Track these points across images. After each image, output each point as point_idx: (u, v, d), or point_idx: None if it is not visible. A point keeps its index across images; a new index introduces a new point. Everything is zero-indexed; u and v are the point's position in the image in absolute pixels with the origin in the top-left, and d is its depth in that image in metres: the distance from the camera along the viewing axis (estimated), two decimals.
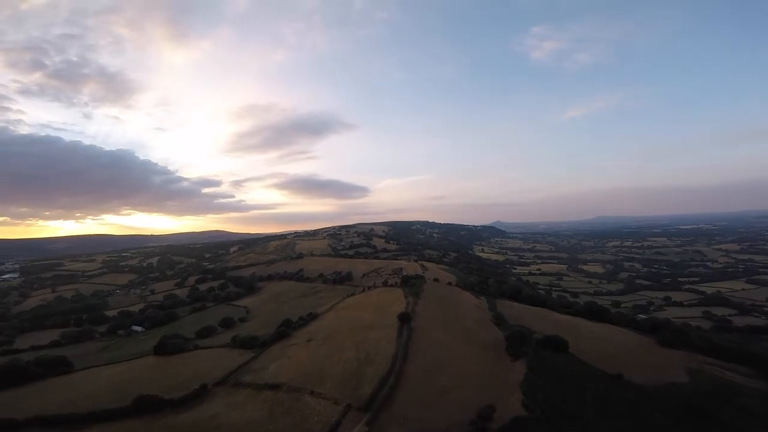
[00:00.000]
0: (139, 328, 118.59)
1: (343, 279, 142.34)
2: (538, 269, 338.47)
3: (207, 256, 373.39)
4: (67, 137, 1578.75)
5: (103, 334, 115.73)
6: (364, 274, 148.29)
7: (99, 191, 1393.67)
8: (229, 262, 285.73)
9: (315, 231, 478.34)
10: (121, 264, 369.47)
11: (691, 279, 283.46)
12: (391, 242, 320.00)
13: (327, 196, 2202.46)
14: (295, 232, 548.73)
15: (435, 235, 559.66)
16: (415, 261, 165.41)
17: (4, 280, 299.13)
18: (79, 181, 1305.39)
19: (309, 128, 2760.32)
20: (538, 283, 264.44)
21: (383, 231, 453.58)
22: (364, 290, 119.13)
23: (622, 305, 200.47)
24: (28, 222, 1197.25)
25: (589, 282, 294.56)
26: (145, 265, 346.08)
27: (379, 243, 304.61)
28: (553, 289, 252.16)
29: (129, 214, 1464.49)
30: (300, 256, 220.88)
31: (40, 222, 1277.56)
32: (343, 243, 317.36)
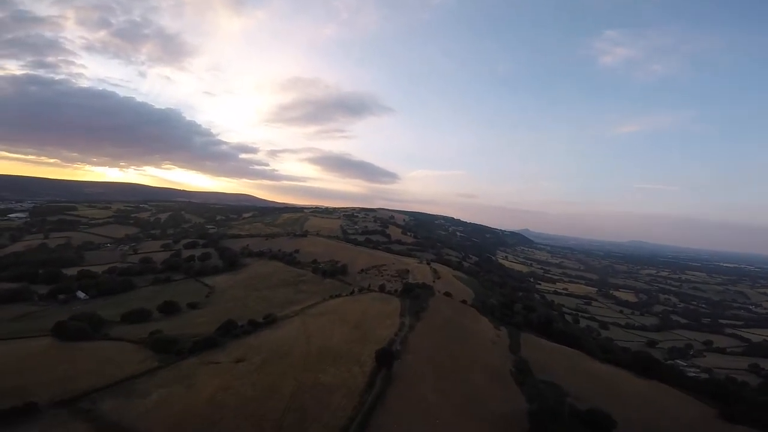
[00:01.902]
0: (82, 295, 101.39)
1: (335, 272, 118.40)
2: (565, 288, 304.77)
3: (218, 218, 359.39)
4: (121, 93, 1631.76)
5: (41, 297, 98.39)
6: (362, 270, 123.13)
7: (144, 145, 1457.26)
8: (232, 228, 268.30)
9: (333, 209, 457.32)
10: (132, 215, 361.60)
11: (733, 322, 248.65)
12: (409, 234, 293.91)
13: (356, 176, 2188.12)
14: (315, 208, 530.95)
15: (458, 233, 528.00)
16: (428, 264, 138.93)
17: (9, 219, 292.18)
18: (127, 134, 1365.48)
19: (349, 107, 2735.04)
20: (563, 306, 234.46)
21: (403, 220, 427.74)
22: (353, 292, 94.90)
23: (657, 345, 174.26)
24: (76, 166, 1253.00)
25: (621, 312, 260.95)
26: (152, 220, 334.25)
27: (394, 233, 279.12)
28: (580, 315, 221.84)
29: (169, 169, 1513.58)
30: (304, 235, 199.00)
31: (87, 167, 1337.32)
32: (356, 227, 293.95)
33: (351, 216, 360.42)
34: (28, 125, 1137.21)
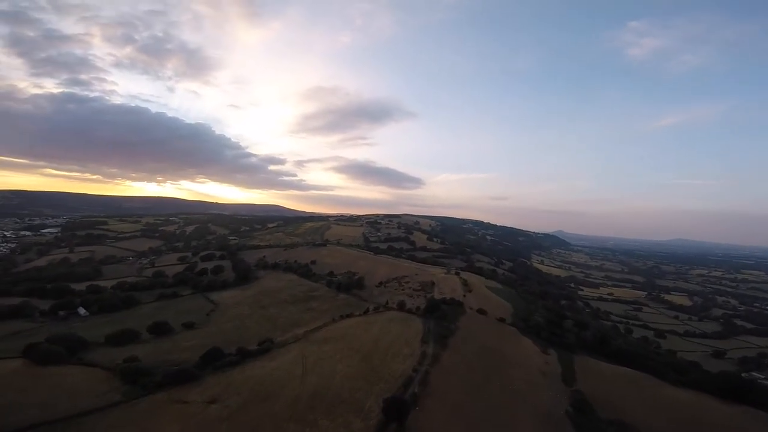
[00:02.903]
0: (83, 312, 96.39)
1: (351, 285, 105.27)
2: (610, 293, 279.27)
3: (242, 229, 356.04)
4: (153, 108, 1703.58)
5: (42, 313, 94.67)
6: (380, 282, 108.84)
7: (178, 159, 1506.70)
8: (254, 239, 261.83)
9: (357, 216, 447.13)
10: (160, 228, 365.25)
11: None
12: (435, 240, 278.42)
13: (381, 183, 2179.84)
14: (340, 216, 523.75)
15: (488, 237, 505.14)
16: (456, 273, 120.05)
17: (41, 234, 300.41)
18: (161, 149, 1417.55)
19: (370, 114, 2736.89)
20: (610, 313, 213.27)
21: (429, 226, 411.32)
22: (367, 311, 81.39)
23: (726, 355, 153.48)
24: (117, 182, 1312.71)
25: (676, 317, 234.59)
26: (177, 232, 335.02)
27: (419, 239, 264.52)
28: (630, 322, 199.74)
29: (203, 182, 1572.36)
30: (323, 244, 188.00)
31: (127, 182, 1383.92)
32: (379, 233, 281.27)
33: (374, 223, 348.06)
34: (71, 143, 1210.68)
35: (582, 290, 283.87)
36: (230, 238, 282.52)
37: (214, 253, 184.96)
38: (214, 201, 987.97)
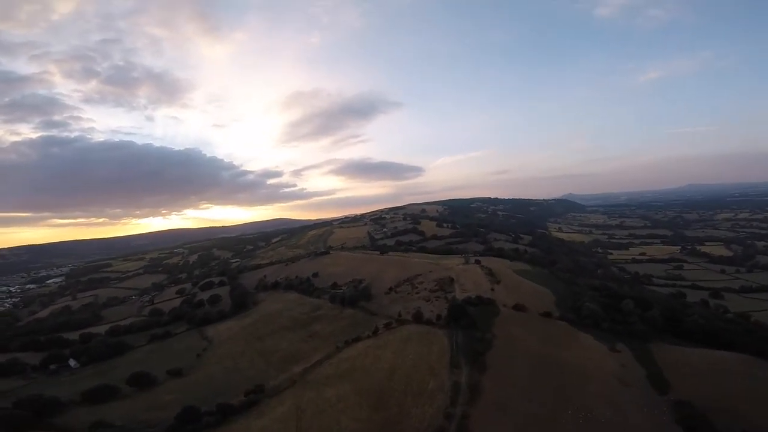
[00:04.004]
0: (74, 363, 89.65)
1: (357, 297, 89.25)
2: (642, 254, 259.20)
3: (246, 249, 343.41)
4: (138, 141, 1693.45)
5: (34, 368, 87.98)
6: (390, 288, 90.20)
7: (177, 189, 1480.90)
8: (256, 258, 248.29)
9: (360, 216, 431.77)
10: (164, 262, 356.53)
11: None
12: (445, 225, 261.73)
13: (382, 178, 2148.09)
14: (344, 218, 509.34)
15: (499, 212, 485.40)
16: (477, 263, 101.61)
17: (45, 285, 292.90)
18: (157, 181, 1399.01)
19: (356, 111, 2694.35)
20: (652, 276, 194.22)
21: (437, 211, 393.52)
22: (377, 331, 65.82)
23: None
24: (123, 221, 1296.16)
25: (722, 271, 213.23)
26: (180, 263, 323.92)
27: (428, 227, 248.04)
28: (677, 284, 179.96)
29: (207, 208, 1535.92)
30: (326, 252, 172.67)
31: (134, 221, 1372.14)
32: (385, 229, 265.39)
33: (378, 219, 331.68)
34: (66, 188, 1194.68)
35: (611, 254, 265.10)
36: (232, 260, 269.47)
37: (213, 280, 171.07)
38: (221, 225, 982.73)
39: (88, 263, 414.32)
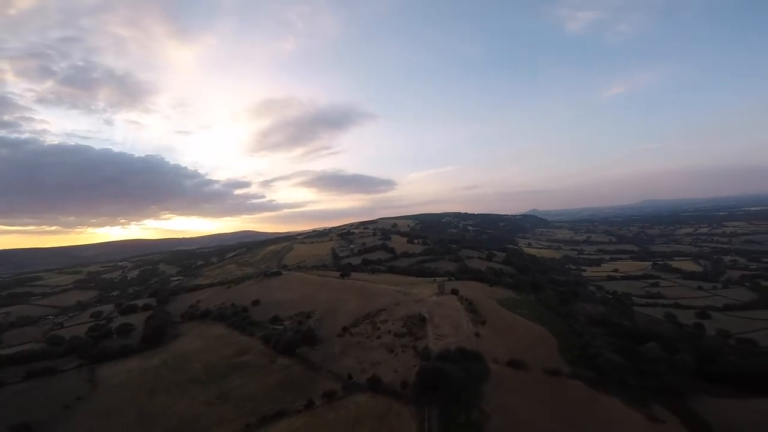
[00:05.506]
0: None
1: (296, 342, 65.60)
2: (616, 270, 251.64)
3: (196, 264, 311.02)
4: (95, 145, 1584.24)
5: None
6: (345, 328, 68.42)
7: (137, 197, 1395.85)
8: (200, 276, 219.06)
9: (328, 230, 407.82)
10: (103, 276, 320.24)
11: None
12: (417, 241, 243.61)
13: (354, 191, 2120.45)
14: (312, 231, 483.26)
15: (470, 227, 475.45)
16: (454, 293, 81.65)
17: None
18: (116, 189, 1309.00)
19: (330, 121, 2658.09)
20: (631, 295, 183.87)
21: (408, 226, 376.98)
22: (312, 405, 44.50)
23: None
24: (78, 230, 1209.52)
25: (699, 288, 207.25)
26: (117, 279, 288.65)
27: (399, 244, 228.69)
28: (658, 303, 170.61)
29: (168, 218, 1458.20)
30: (278, 273, 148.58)
31: (89, 229, 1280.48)
32: (352, 246, 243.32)
33: (346, 234, 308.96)
34: (15, 193, 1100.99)
35: (585, 270, 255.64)
36: (174, 278, 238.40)
37: (137, 303, 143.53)
38: (181, 236, 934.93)
39: (17, 275, 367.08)
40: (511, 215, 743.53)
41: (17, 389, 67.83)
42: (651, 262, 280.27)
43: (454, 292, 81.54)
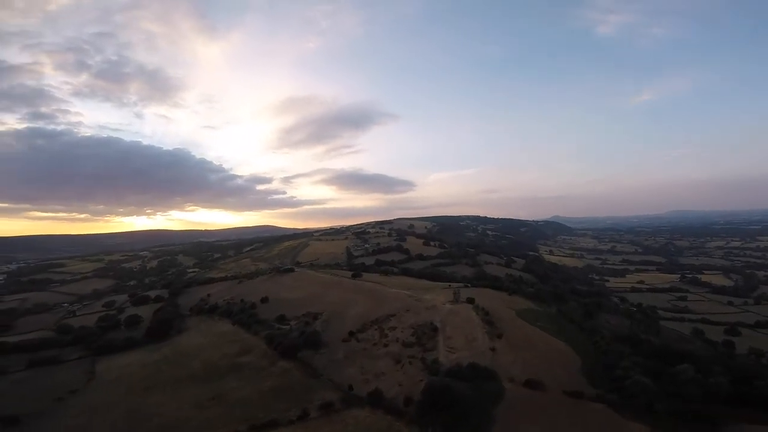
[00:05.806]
0: None
1: (299, 345, 63.09)
2: (641, 282, 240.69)
3: (213, 257, 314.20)
4: (125, 138, 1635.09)
5: None
6: (351, 333, 65.35)
7: (163, 189, 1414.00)
8: (215, 269, 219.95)
9: (344, 228, 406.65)
10: (122, 265, 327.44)
11: None
12: (433, 243, 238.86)
13: (373, 190, 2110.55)
14: (329, 228, 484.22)
15: (489, 232, 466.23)
16: (470, 301, 76.47)
17: None
18: (144, 180, 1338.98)
19: (351, 120, 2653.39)
20: (656, 307, 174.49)
21: (425, 228, 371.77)
22: (307, 415, 41.30)
23: None
24: (106, 218, 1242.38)
25: (729, 303, 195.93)
26: (136, 269, 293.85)
27: (414, 245, 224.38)
28: (685, 317, 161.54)
29: (193, 210, 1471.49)
30: (290, 269, 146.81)
31: (117, 218, 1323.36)
32: (366, 245, 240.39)
33: (361, 233, 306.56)
34: (50, 181, 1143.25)
35: (608, 281, 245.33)
36: (191, 270, 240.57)
37: (149, 294, 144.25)
38: (204, 228, 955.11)
39: (42, 261, 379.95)
40: (533, 221, 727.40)
41: (16, 378, 67.50)
42: (679, 275, 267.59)
43: (470, 300, 76.55)
